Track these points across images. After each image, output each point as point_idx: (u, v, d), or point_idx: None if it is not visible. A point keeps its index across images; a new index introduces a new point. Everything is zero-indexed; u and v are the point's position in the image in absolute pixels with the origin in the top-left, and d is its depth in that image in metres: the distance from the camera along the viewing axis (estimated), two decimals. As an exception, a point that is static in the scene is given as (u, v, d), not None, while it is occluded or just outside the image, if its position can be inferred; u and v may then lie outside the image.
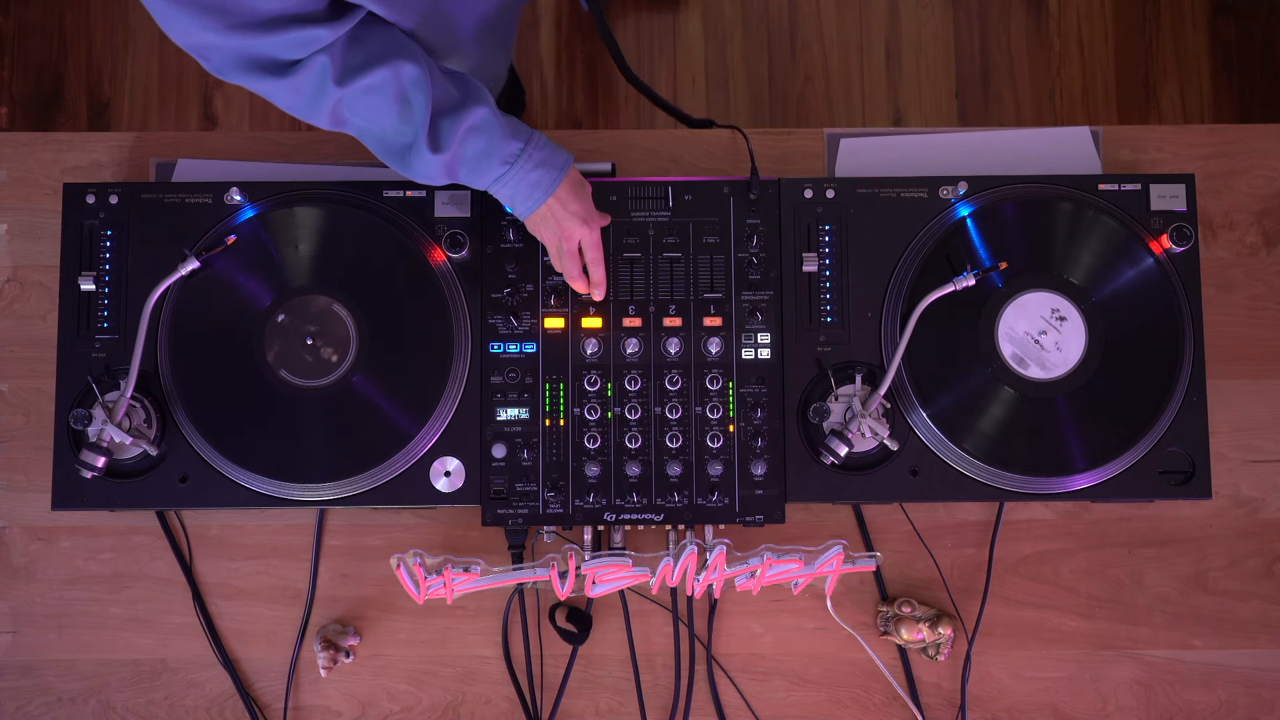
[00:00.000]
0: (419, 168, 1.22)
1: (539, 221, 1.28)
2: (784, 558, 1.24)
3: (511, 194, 1.26)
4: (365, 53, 1.14)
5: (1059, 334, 1.33)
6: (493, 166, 1.23)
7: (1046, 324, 1.33)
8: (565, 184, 1.26)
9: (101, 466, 1.28)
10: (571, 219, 1.27)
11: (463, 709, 1.38)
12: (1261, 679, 1.38)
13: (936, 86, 2.44)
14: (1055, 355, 1.33)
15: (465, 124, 1.20)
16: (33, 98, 2.44)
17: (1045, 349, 1.33)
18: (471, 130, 1.21)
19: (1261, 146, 1.46)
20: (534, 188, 1.25)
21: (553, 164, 1.25)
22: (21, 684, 1.38)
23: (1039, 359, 1.33)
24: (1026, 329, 1.33)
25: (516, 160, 1.23)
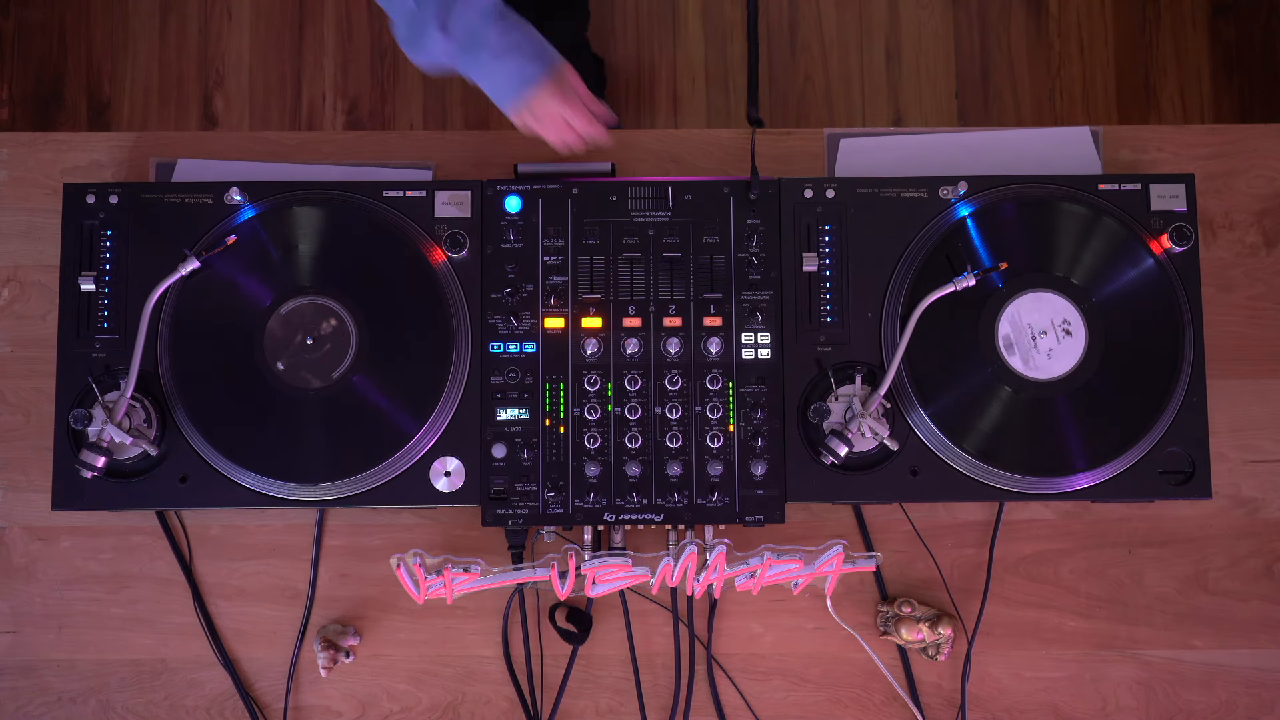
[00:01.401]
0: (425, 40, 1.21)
1: (520, 114, 1.28)
2: (784, 558, 1.24)
3: (495, 84, 1.25)
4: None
5: (1059, 334, 1.33)
6: (480, 53, 1.22)
7: (1046, 324, 1.33)
8: (551, 81, 1.25)
9: (101, 466, 1.28)
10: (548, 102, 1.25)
11: (463, 709, 1.38)
12: (1261, 679, 1.38)
13: (936, 86, 2.44)
14: (1055, 355, 1.33)
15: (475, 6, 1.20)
16: (33, 98, 2.44)
17: (1045, 349, 1.33)
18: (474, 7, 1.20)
19: (1261, 146, 1.46)
20: (520, 80, 1.24)
21: (538, 58, 1.24)
22: (21, 684, 1.38)
23: (1039, 359, 1.33)
24: (1026, 329, 1.33)
25: (505, 54, 1.23)
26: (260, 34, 2.44)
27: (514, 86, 1.25)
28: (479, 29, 1.21)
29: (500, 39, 1.22)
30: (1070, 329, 1.32)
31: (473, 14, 1.20)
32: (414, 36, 1.21)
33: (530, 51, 1.25)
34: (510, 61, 1.23)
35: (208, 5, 2.44)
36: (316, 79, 2.44)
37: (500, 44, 1.22)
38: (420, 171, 1.45)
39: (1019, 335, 1.32)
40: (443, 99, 2.43)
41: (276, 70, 2.44)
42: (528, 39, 1.25)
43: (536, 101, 1.26)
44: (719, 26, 2.42)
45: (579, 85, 1.29)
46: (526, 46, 1.24)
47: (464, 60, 1.23)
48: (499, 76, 1.25)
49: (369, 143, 1.48)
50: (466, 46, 1.22)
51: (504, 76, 1.24)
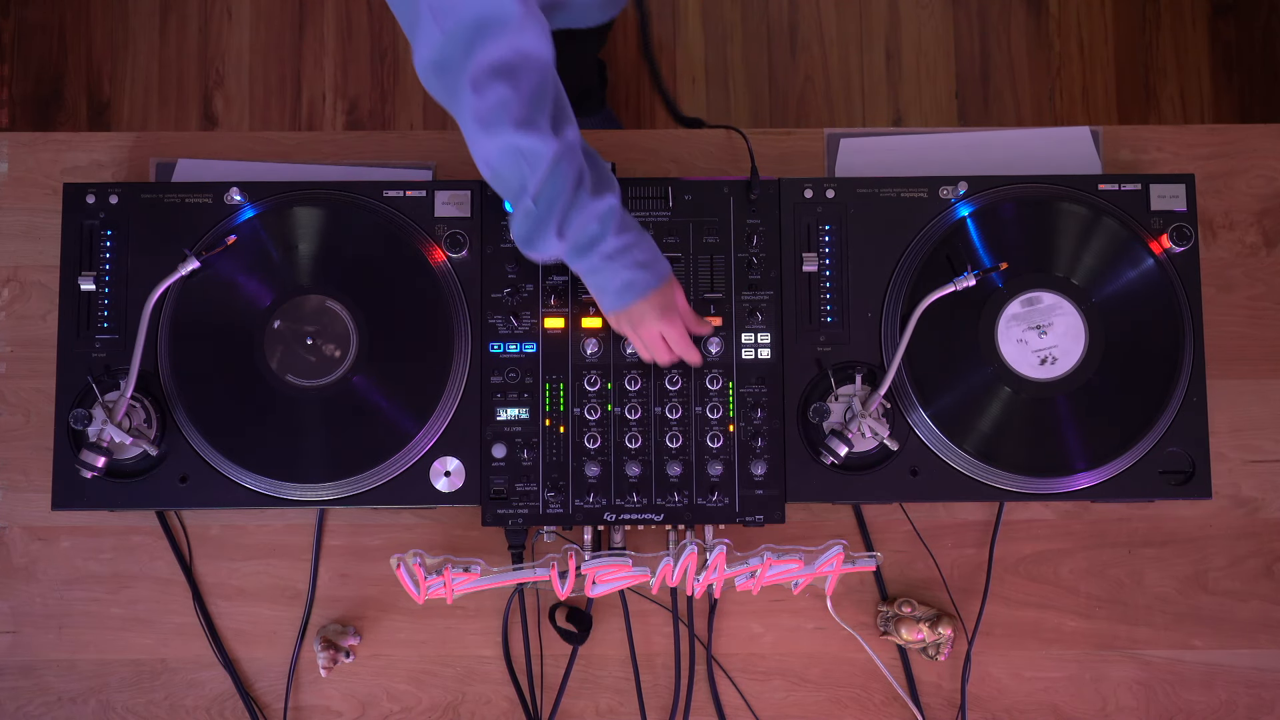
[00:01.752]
0: (541, 243, 1.20)
1: (619, 318, 1.27)
2: (784, 558, 1.24)
3: (601, 286, 1.23)
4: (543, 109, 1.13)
5: (1059, 334, 1.33)
6: (591, 256, 1.20)
7: (1046, 324, 1.33)
8: (656, 294, 1.24)
9: (101, 466, 1.28)
10: (650, 314, 1.25)
11: (463, 709, 1.38)
12: (1261, 679, 1.38)
13: (936, 86, 2.44)
14: (1055, 355, 1.33)
15: (592, 208, 1.18)
16: (33, 98, 2.44)
17: (1045, 349, 1.33)
18: (594, 215, 1.18)
19: (1261, 146, 1.46)
20: (626, 288, 1.22)
21: (653, 269, 1.23)
22: (21, 684, 1.38)
23: (1039, 359, 1.33)
24: (1026, 329, 1.33)
25: (618, 257, 1.21)
26: (260, 34, 2.44)
27: (619, 293, 1.23)
28: (596, 235, 1.19)
29: (615, 243, 1.20)
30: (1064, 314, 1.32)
31: (592, 221, 1.18)
32: (530, 236, 1.20)
33: (642, 260, 1.22)
34: (620, 268, 1.21)
35: (208, 5, 2.44)
36: (316, 79, 2.44)
37: (614, 248, 1.20)
38: (420, 171, 1.45)
39: (1024, 348, 1.32)
40: (443, 99, 2.43)
41: (276, 70, 2.44)
42: (641, 247, 1.22)
43: (637, 311, 1.24)
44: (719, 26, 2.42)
45: (682, 302, 1.28)
46: (639, 255, 1.22)
47: (575, 259, 1.22)
48: (607, 280, 1.22)
49: (369, 143, 1.48)
50: (580, 249, 1.20)
51: (612, 281, 1.22)
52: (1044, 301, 1.33)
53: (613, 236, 1.19)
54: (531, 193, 1.15)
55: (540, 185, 1.15)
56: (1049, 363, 1.32)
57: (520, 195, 1.16)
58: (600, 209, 1.18)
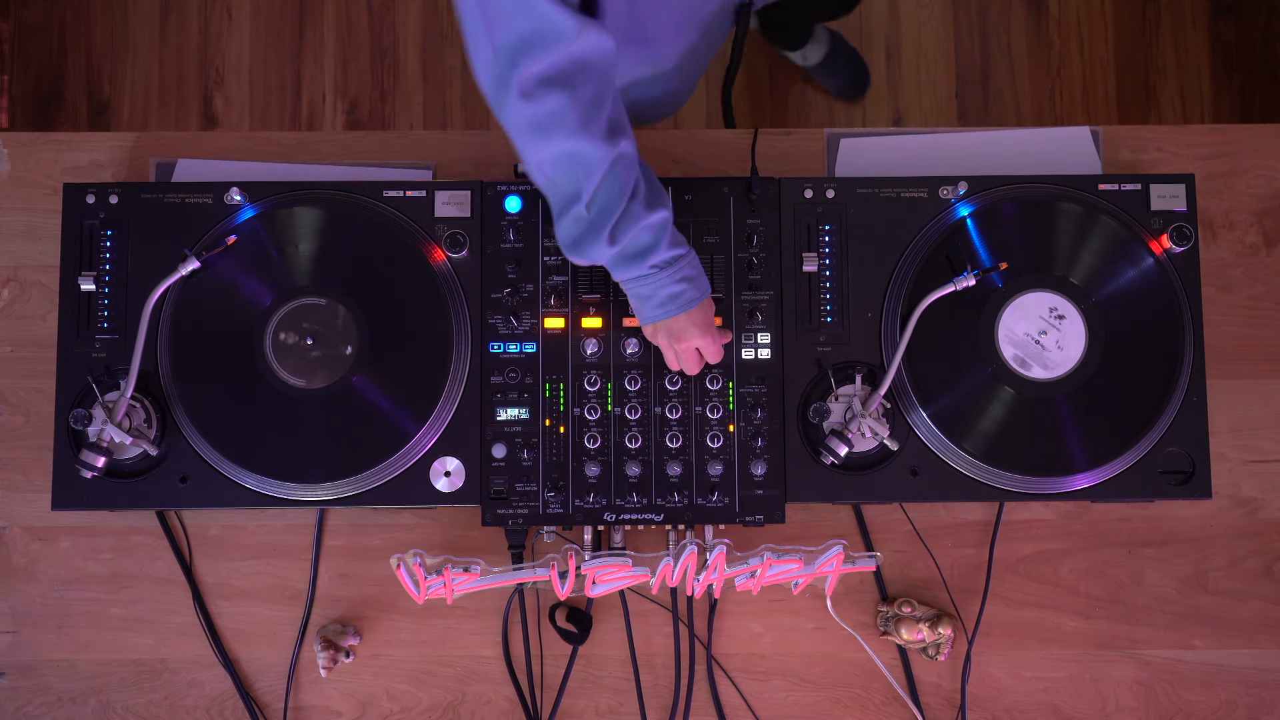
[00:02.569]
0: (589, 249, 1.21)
1: (656, 329, 1.27)
2: (784, 558, 1.24)
3: (645, 296, 1.24)
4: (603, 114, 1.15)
5: (1059, 334, 1.33)
6: (640, 266, 1.22)
7: (1046, 324, 1.33)
8: (698, 309, 1.26)
9: (101, 466, 1.28)
10: (690, 330, 1.26)
11: (463, 709, 1.38)
12: (1261, 679, 1.38)
13: (936, 86, 2.44)
14: (1055, 355, 1.33)
15: (645, 220, 1.19)
16: (33, 98, 2.44)
17: (1045, 349, 1.33)
18: (647, 226, 1.20)
19: (1261, 146, 1.46)
20: (670, 300, 1.24)
21: (697, 284, 1.25)
22: (21, 684, 1.38)
23: (1039, 359, 1.33)
24: (1026, 329, 1.33)
25: (667, 267, 1.22)
26: (260, 34, 2.44)
27: (663, 305, 1.24)
28: (648, 246, 1.21)
29: (665, 255, 1.22)
30: (1063, 314, 1.32)
31: (645, 233, 1.20)
32: (579, 241, 1.21)
33: (689, 275, 1.24)
34: (668, 280, 1.23)
35: (208, 5, 2.44)
36: (316, 79, 2.44)
37: (664, 260, 1.22)
38: (420, 171, 1.45)
39: (1025, 349, 1.32)
40: (443, 99, 2.43)
41: (276, 70, 2.44)
42: (689, 262, 1.24)
43: (679, 325, 1.26)
44: (719, 26, 2.42)
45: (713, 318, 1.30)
46: (687, 269, 1.24)
47: (622, 268, 1.23)
48: (653, 291, 1.24)
49: (369, 143, 1.48)
50: (629, 259, 1.21)
51: (658, 293, 1.24)
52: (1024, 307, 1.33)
53: (664, 249, 1.21)
54: (585, 199, 1.17)
55: (594, 192, 1.16)
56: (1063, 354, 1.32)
57: (573, 202, 1.18)
58: (654, 221, 1.20)
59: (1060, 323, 1.33)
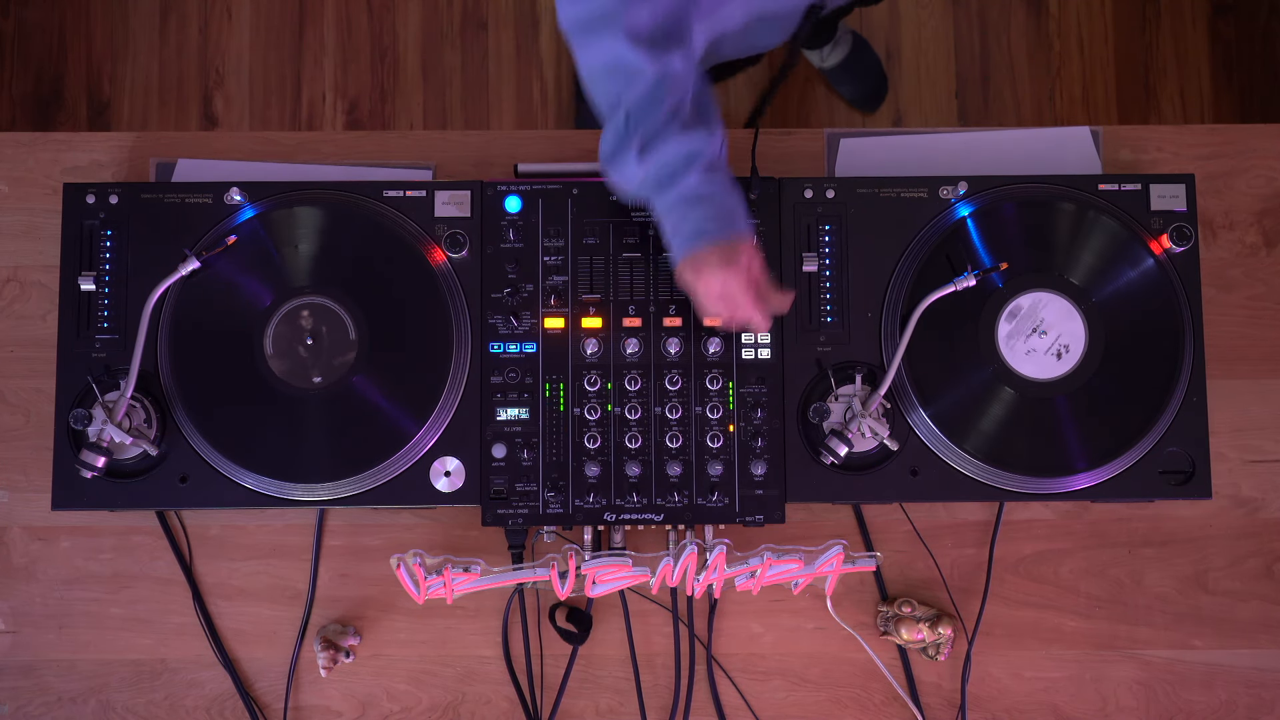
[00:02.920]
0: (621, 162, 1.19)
1: (685, 267, 1.21)
2: (784, 558, 1.24)
3: (674, 228, 1.21)
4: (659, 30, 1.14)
5: (1059, 334, 1.33)
6: (669, 193, 1.19)
7: (1046, 324, 1.33)
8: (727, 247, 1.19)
9: (101, 466, 1.28)
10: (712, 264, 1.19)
11: (463, 709, 1.38)
12: (1261, 679, 1.38)
13: (936, 86, 2.44)
14: (1055, 355, 1.33)
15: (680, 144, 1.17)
16: (33, 98, 2.44)
17: (1045, 349, 1.33)
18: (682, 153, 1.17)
19: (1261, 146, 1.46)
20: (696, 234, 1.19)
21: (726, 221, 1.20)
22: (21, 684, 1.38)
23: (1039, 359, 1.33)
24: (1027, 329, 1.33)
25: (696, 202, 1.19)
26: (260, 34, 2.44)
27: (689, 238, 1.19)
28: (678, 170, 1.17)
29: (699, 186, 1.18)
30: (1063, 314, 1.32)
31: (676, 155, 1.17)
32: (615, 154, 1.19)
33: (722, 210, 1.19)
34: (698, 212, 1.19)
35: (208, 5, 2.44)
36: (316, 79, 2.44)
37: (696, 191, 1.18)
38: (420, 171, 1.45)
39: (1025, 348, 1.32)
40: (443, 99, 2.43)
41: (276, 70, 2.44)
42: (728, 197, 1.20)
43: (702, 258, 1.19)
44: (719, 26, 2.42)
45: (757, 268, 1.22)
46: (722, 204, 1.19)
47: (655, 195, 1.20)
48: (679, 223, 1.20)
49: (369, 143, 1.48)
50: (660, 182, 1.18)
51: (684, 225, 1.20)
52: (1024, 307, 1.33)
53: (696, 177, 1.18)
54: (625, 107, 1.16)
55: (634, 102, 1.15)
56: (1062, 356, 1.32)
57: (615, 109, 1.17)
58: (688, 146, 1.17)
59: (1060, 323, 1.33)
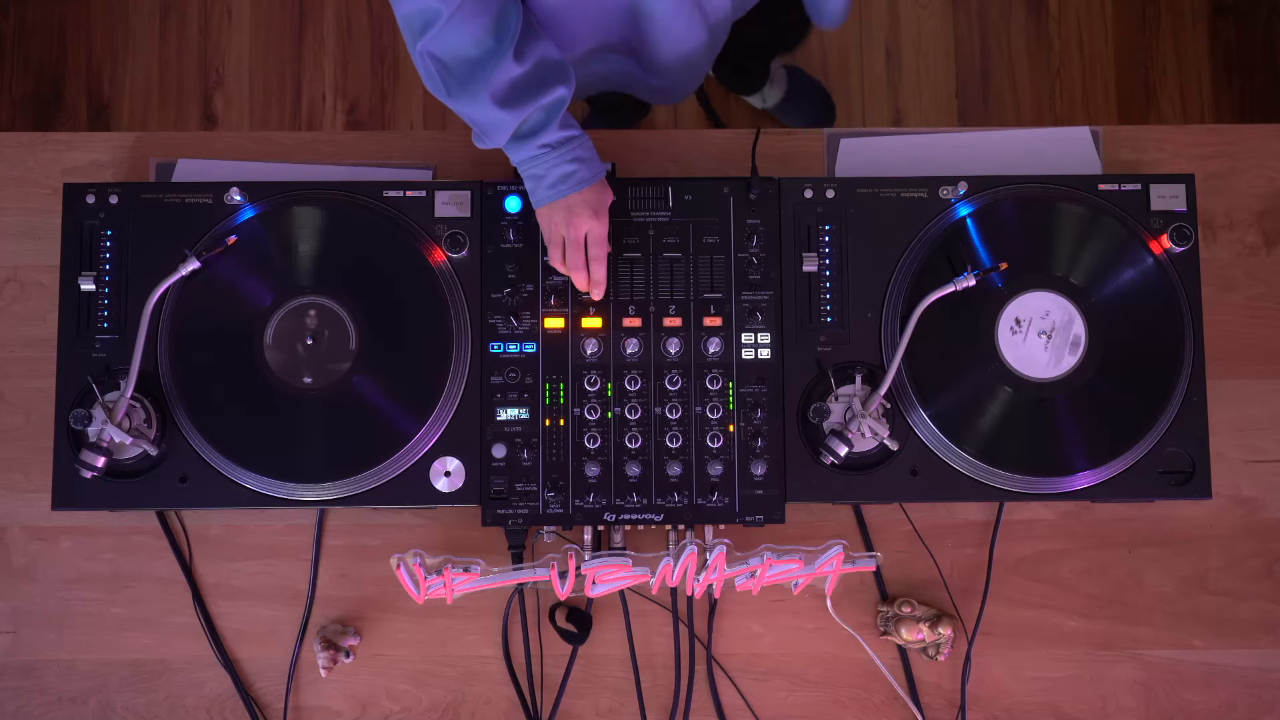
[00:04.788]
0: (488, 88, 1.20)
1: (551, 209, 1.29)
2: (784, 558, 1.24)
3: (539, 176, 1.27)
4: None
5: (1059, 334, 1.33)
6: (533, 144, 1.24)
7: (1046, 324, 1.33)
8: (591, 189, 1.28)
9: (101, 466, 1.28)
10: (583, 208, 1.27)
11: (463, 709, 1.38)
12: (1261, 679, 1.38)
13: (936, 86, 2.44)
14: (1055, 355, 1.33)
15: (543, 99, 1.22)
16: (33, 98, 2.44)
17: (1045, 349, 1.33)
18: (541, 106, 1.22)
19: (1261, 146, 1.46)
20: (562, 180, 1.26)
21: (589, 165, 1.27)
22: (21, 684, 1.38)
23: (1039, 359, 1.33)
24: (1027, 329, 1.33)
25: (559, 147, 1.25)
26: (260, 34, 2.44)
27: (554, 185, 1.27)
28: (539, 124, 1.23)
29: (556, 135, 1.25)
30: (1063, 314, 1.32)
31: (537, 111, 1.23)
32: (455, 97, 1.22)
33: (579, 156, 1.27)
34: (558, 160, 1.26)
35: (208, 5, 2.44)
36: (316, 79, 2.44)
37: (557, 139, 1.25)
38: (420, 171, 1.45)
39: (1025, 348, 1.32)
40: (443, 99, 2.43)
41: (276, 70, 2.44)
42: (582, 144, 1.27)
43: (572, 202, 1.27)
44: (719, 26, 2.42)
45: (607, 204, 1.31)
46: (578, 150, 1.27)
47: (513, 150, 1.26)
48: (544, 171, 1.26)
49: (369, 143, 1.48)
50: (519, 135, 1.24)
51: (548, 172, 1.26)
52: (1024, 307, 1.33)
53: (556, 129, 1.24)
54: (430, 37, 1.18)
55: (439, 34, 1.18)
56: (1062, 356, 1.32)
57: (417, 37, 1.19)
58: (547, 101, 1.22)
59: (1060, 323, 1.33)
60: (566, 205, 1.27)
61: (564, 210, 1.28)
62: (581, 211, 1.28)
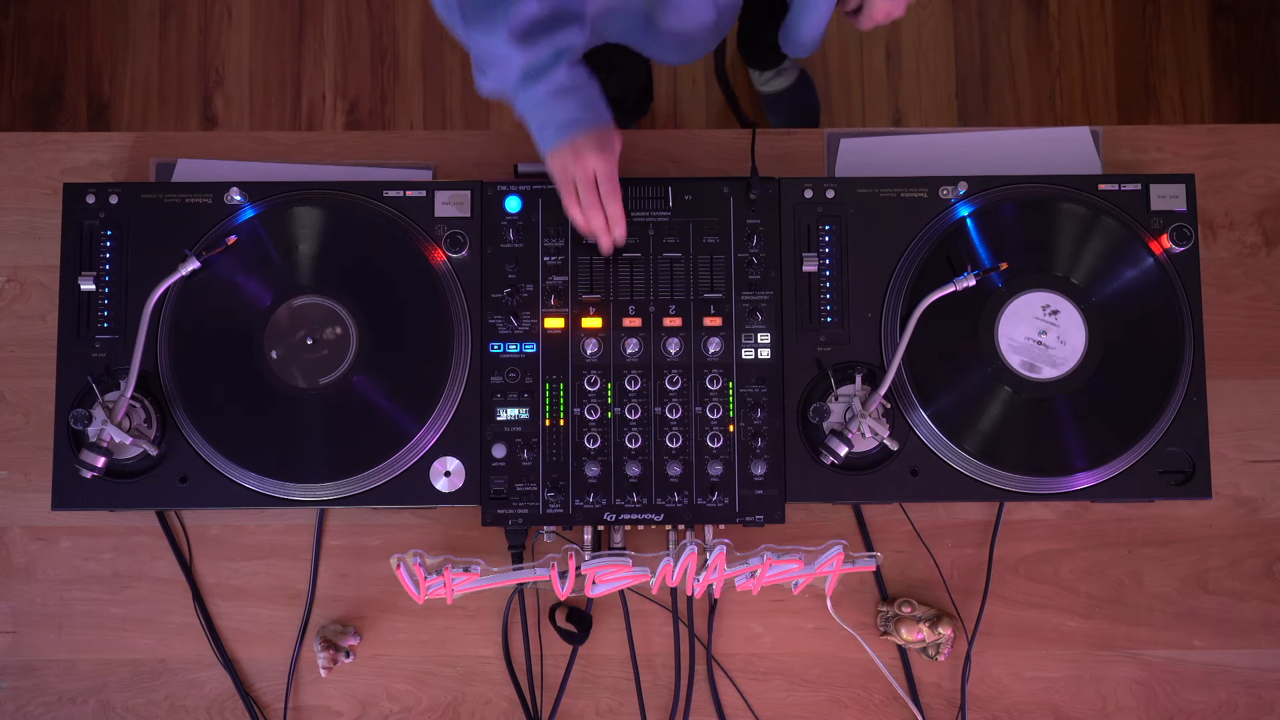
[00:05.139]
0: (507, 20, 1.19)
1: (559, 152, 1.26)
2: (784, 558, 1.24)
3: (545, 120, 1.25)
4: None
5: (1059, 334, 1.33)
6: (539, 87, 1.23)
7: (1046, 324, 1.33)
8: (597, 131, 1.25)
9: (101, 466, 1.28)
10: (589, 146, 1.24)
11: (463, 709, 1.38)
12: (1261, 679, 1.38)
13: (936, 86, 2.44)
14: (1056, 355, 1.33)
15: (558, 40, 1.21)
16: (33, 98, 2.44)
17: (1046, 349, 1.33)
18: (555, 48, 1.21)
19: (1261, 146, 1.46)
20: (569, 123, 1.24)
21: (595, 110, 1.25)
22: (21, 684, 1.38)
23: (1040, 359, 1.33)
24: (1027, 329, 1.33)
25: (567, 93, 1.23)
26: (260, 34, 2.45)
27: (562, 127, 1.24)
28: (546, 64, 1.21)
29: (567, 79, 1.23)
30: (1063, 314, 1.32)
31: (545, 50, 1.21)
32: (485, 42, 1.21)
33: (589, 101, 1.24)
34: (570, 101, 1.24)
35: (208, 5, 2.44)
36: (316, 79, 2.44)
37: (565, 83, 1.23)
38: (420, 171, 1.45)
39: (1025, 349, 1.32)
40: (443, 99, 2.43)
41: (276, 70, 2.44)
42: (592, 87, 1.25)
43: (580, 144, 1.24)
44: (719, 26, 2.42)
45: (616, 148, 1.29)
46: (590, 93, 1.25)
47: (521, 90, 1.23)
48: (552, 114, 1.24)
49: (369, 143, 1.48)
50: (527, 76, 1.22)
51: (556, 115, 1.24)
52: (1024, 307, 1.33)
53: (565, 70, 1.22)
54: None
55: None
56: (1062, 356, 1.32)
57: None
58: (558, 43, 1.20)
59: (1060, 323, 1.33)
60: (573, 146, 1.25)
61: (571, 151, 1.25)
62: (587, 149, 1.24)
